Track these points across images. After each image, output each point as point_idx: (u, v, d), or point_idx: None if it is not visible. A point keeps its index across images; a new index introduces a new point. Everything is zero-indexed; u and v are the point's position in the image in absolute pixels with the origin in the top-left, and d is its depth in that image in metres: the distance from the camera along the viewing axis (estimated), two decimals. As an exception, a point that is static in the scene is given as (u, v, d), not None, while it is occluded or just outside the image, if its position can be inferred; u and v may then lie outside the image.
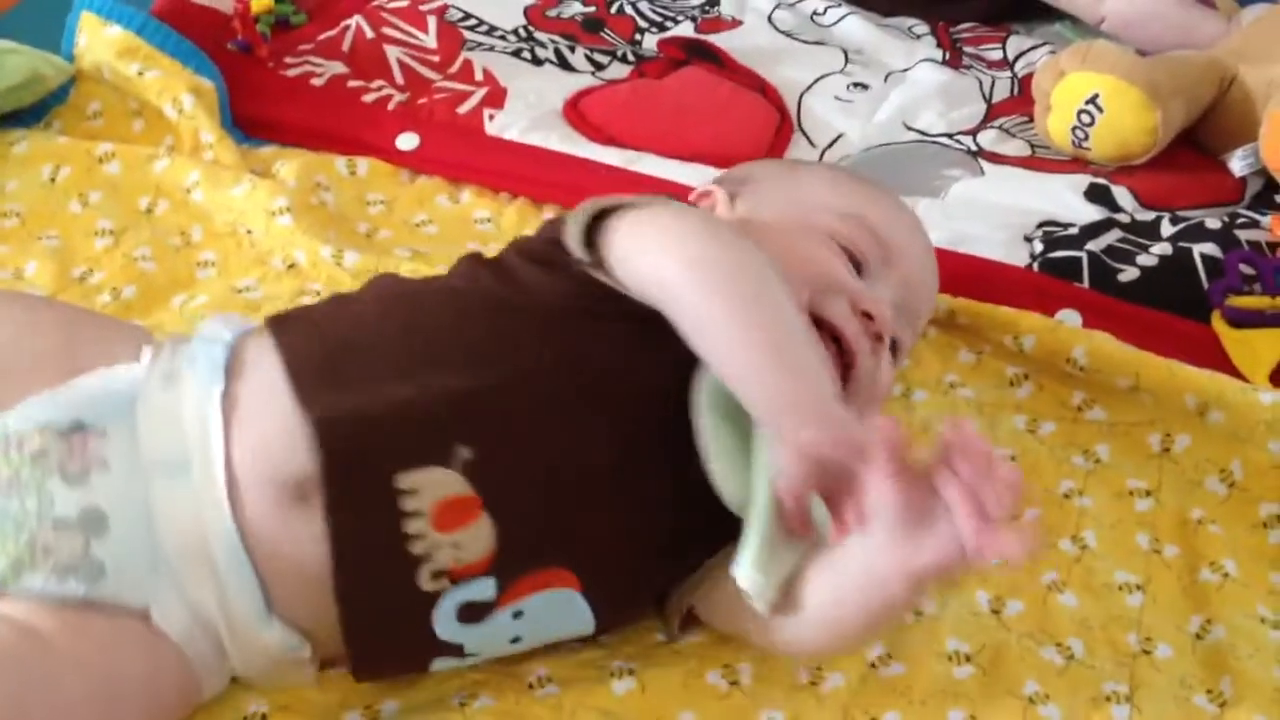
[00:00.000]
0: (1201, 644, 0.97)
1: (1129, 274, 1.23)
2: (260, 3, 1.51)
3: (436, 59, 1.52)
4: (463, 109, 1.45)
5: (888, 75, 1.57)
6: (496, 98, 1.46)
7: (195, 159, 1.32)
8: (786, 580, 0.81)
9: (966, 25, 1.69)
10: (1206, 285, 1.21)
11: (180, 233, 1.27)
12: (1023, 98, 1.52)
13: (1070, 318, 1.17)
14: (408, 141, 1.39)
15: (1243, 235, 1.27)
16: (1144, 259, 1.24)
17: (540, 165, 1.37)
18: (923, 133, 1.47)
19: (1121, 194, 1.35)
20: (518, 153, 1.39)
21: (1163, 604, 0.99)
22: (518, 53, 1.55)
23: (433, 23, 1.57)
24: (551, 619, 0.85)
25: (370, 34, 1.54)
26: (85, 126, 1.37)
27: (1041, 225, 1.31)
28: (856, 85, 1.55)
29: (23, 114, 1.36)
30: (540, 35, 1.59)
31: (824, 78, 1.55)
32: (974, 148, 1.45)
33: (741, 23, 1.66)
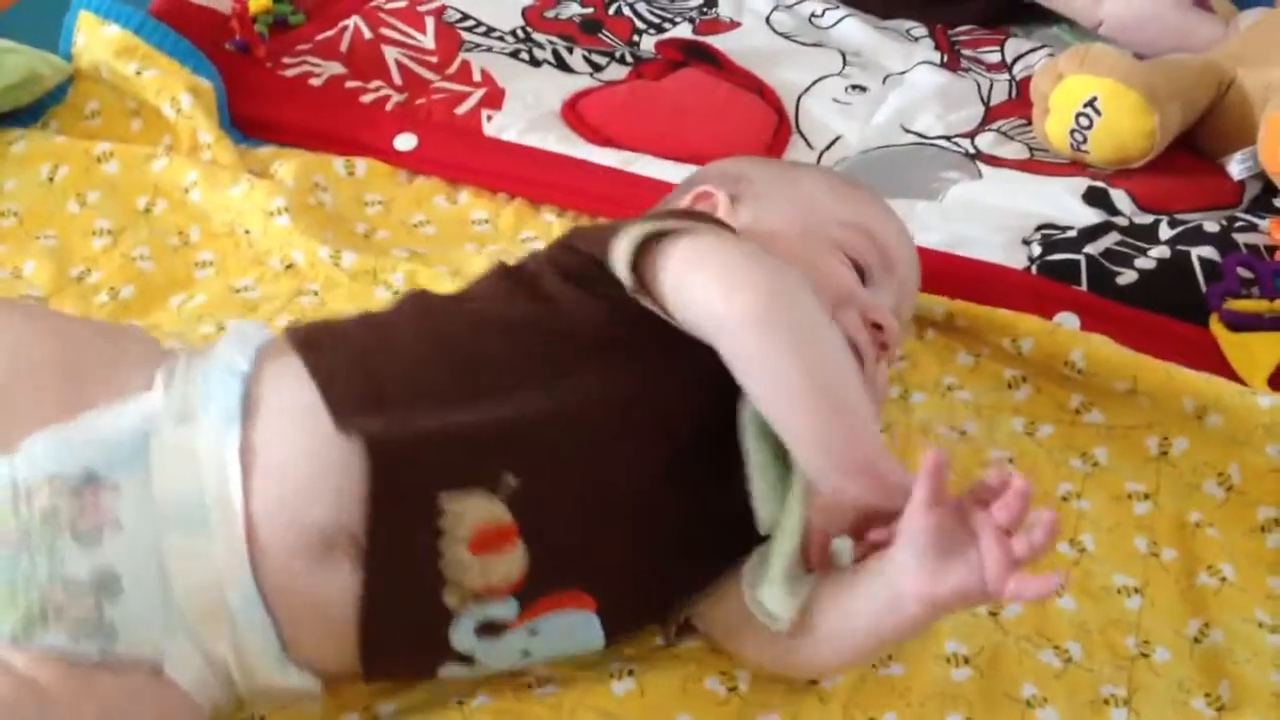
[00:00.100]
0: (1199, 648, 0.97)
1: (1127, 277, 1.23)
2: (258, 3, 1.51)
3: (434, 60, 1.52)
4: (461, 110, 1.45)
5: (886, 77, 1.57)
6: (494, 98, 1.46)
7: (193, 159, 1.32)
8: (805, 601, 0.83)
9: (965, 28, 1.69)
10: (1205, 288, 1.21)
11: (178, 232, 1.27)
12: (1021, 100, 1.52)
13: (1068, 320, 1.17)
14: (406, 142, 1.39)
15: (1241, 239, 1.26)
16: (1142, 262, 1.24)
17: (538, 166, 1.37)
18: (921, 135, 1.47)
19: (1120, 197, 1.35)
20: (515, 153, 1.39)
21: (1161, 607, 0.99)
22: (516, 54, 1.55)
23: (431, 23, 1.57)
24: (564, 637, 0.86)
25: (368, 34, 1.54)
26: (83, 126, 1.37)
27: (1040, 228, 1.31)
28: (855, 87, 1.55)
29: (20, 113, 1.36)
30: (538, 36, 1.59)
31: (822, 80, 1.55)
32: (972, 150, 1.45)
33: (740, 24, 1.66)
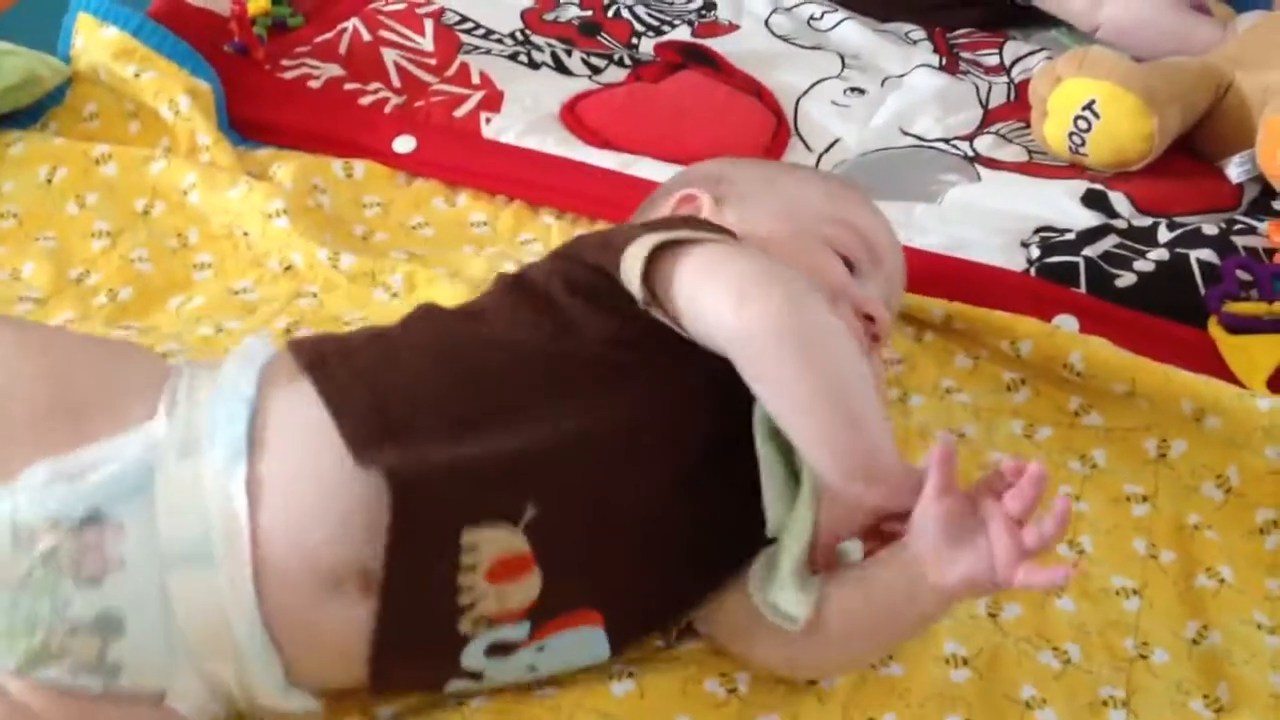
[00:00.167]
0: (1198, 649, 0.97)
1: (1126, 279, 1.23)
2: (257, 5, 1.51)
3: (433, 62, 1.52)
4: (459, 112, 1.45)
5: (884, 80, 1.57)
6: (493, 101, 1.46)
7: (192, 161, 1.32)
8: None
9: (963, 31, 1.69)
10: (1203, 291, 1.21)
11: (177, 234, 1.27)
12: (1019, 103, 1.52)
13: (1067, 323, 1.17)
14: (404, 144, 1.39)
15: (1240, 241, 1.27)
16: (1141, 265, 1.24)
17: (537, 168, 1.37)
18: (919, 138, 1.47)
19: (1118, 200, 1.35)
20: (514, 156, 1.39)
21: (1159, 609, 0.99)
22: (514, 56, 1.55)
23: (429, 26, 1.57)
24: (572, 651, 0.86)
25: (367, 37, 1.54)
26: (82, 128, 1.37)
27: (1038, 231, 1.31)
28: (853, 90, 1.55)
29: (19, 115, 1.36)
30: (537, 39, 1.59)
31: (821, 82, 1.55)
32: (971, 153, 1.45)
33: (738, 27, 1.67)
